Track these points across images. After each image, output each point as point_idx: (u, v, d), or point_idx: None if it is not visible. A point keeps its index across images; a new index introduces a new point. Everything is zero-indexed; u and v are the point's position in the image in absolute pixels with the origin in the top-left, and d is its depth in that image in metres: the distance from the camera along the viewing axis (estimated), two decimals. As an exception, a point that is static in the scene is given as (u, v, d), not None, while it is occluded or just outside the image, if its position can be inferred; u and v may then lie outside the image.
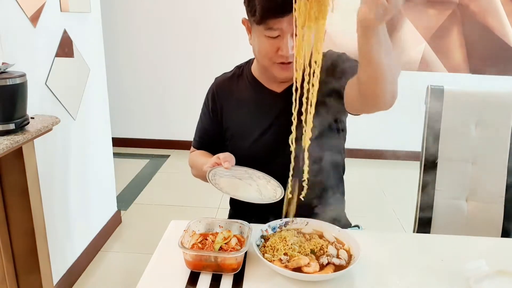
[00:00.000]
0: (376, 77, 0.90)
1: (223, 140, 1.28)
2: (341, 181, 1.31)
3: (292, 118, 0.94)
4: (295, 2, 0.86)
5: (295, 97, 0.92)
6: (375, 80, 0.90)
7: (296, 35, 0.90)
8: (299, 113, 1.04)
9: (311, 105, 0.92)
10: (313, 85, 0.91)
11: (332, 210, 1.22)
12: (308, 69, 0.91)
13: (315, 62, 0.90)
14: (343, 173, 1.32)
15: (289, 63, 1.06)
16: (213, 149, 1.31)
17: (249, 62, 1.27)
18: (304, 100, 0.92)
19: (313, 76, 0.91)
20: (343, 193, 1.32)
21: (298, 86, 0.92)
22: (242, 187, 1.08)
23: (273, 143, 1.17)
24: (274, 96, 1.19)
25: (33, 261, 1.49)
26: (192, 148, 1.37)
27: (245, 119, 1.22)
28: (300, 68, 0.92)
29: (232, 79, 1.27)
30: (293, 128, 0.94)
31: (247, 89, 1.23)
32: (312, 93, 0.92)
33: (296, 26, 0.88)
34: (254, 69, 1.24)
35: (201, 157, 1.28)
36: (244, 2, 1.08)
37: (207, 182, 1.15)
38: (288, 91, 1.15)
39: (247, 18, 1.11)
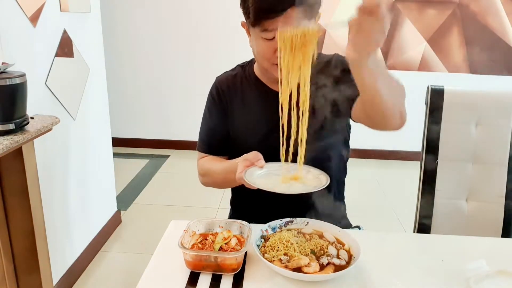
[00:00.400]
0: (376, 103, 0.93)
1: (230, 139, 1.25)
2: (341, 185, 1.31)
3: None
4: (280, 52, 0.93)
5: (282, 141, 1.00)
6: (376, 106, 0.94)
7: (281, 82, 0.96)
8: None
9: (300, 144, 0.99)
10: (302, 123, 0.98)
11: (332, 213, 1.22)
12: (295, 109, 0.97)
13: (303, 103, 0.96)
14: (345, 177, 1.31)
15: None
16: (223, 150, 1.26)
17: (252, 62, 1.26)
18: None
19: (302, 116, 0.97)
20: (343, 198, 1.32)
21: (285, 123, 0.99)
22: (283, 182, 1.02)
23: (278, 144, 1.16)
24: (277, 97, 1.18)
25: (33, 261, 1.49)
26: (199, 154, 1.29)
27: (249, 119, 1.22)
28: (286, 111, 0.99)
29: (235, 78, 1.26)
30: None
31: (251, 89, 1.23)
32: (302, 132, 0.98)
33: (281, 71, 0.95)
34: (256, 69, 1.24)
35: (217, 164, 1.22)
36: (240, 5, 1.08)
37: (223, 188, 1.16)
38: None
39: (245, 21, 1.11)
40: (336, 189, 1.27)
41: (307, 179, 1.00)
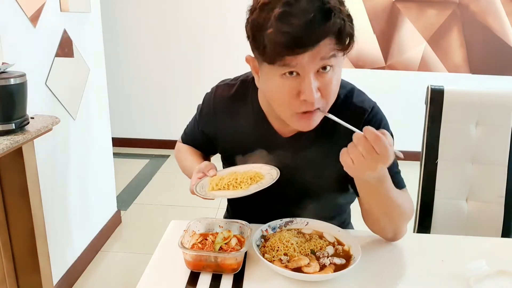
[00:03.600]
0: (365, 209, 0.97)
1: (213, 147, 1.18)
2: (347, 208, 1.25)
3: None
4: None
5: None
6: (365, 212, 0.98)
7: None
8: (303, 155, 1.02)
9: None
10: None
11: (334, 215, 1.20)
12: None
13: None
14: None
15: (315, 110, 0.84)
16: (200, 150, 1.23)
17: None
18: None
19: None
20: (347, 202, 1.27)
21: None
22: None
23: (271, 188, 0.97)
24: (279, 140, 1.03)
25: (33, 261, 1.49)
26: (180, 139, 1.27)
27: (242, 153, 1.06)
28: None
29: (234, 99, 1.07)
30: None
31: (249, 120, 1.05)
32: None
33: None
34: (262, 97, 1.03)
35: (187, 158, 1.18)
36: (248, 37, 0.86)
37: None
38: (296, 137, 1.02)
39: (252, 55, 0.90)
40: (338, 190, 1.25)
41: (260, 178, 0.98)
